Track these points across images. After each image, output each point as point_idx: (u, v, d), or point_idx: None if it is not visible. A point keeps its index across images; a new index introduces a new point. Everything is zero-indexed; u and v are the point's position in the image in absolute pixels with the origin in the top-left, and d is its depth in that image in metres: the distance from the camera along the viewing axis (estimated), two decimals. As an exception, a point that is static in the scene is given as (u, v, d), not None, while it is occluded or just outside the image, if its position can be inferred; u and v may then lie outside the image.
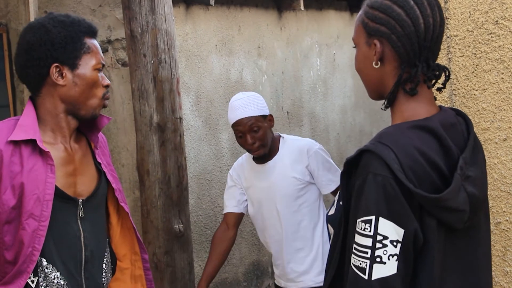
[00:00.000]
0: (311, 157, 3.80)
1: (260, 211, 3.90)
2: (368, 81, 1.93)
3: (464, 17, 2.76)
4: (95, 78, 2.50)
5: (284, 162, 3.83)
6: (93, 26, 2.57)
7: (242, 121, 3.74)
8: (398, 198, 1.69)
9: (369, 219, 1.69)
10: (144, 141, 4.09)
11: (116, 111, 4.98)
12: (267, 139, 3.77)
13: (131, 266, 2.70)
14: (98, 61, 2.53)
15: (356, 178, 1.76)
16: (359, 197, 1.72)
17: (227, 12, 5.85)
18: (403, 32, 1.81)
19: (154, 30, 4.06)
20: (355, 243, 1.72)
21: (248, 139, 3.73)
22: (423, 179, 1.73)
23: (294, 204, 3.80)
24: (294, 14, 6.75)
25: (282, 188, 3.80)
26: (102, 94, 2.54)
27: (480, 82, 2.74)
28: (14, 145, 2.38)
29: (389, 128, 1.83)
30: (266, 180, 3.86)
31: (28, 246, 2.34)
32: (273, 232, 3.87)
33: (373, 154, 1.74)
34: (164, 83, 4.07)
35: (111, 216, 2.69)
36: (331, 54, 7.39)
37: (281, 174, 3.82)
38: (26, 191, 2.34)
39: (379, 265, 1.67)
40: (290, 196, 3.80)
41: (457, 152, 1.81)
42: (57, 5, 5.16)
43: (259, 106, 3.80)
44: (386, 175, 1.70)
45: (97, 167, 2.63)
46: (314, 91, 7.07)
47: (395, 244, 1.67)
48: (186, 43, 5.30)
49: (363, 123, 7.93)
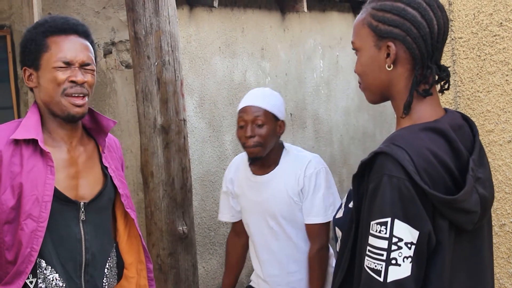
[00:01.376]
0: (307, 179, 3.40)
1: (248, 224, 3.60)
2: (373, 85, 1.91)
3: (469, 19, 2.76)
4: (55, 77, 2.44)
5: (281, 178, 3.45)
6: (62, 23, 2.49)
7: (250, 109, 3.39)
8: (414, 200, 1.69)
9: (384, 221, 1.69)
10: (148, 143, 4.09)
11: (120, 113, 4.98)
12: (268, 141, 3.37)
13: (137, 276, 2.68)
14: (57, 58, 2.45)
15: (370, 180, 1.76)
16: (373, 200, 1.72)
17: (231, 14, 5.86)
18: (418, 34, 1.81)
19: (158, 32, 4.06)
20: (369, 245, 1.71)
21: (248, 131, 3.36)
22: (436, 180, 1.73)
23: (288, 224, 3.45)
24: (297, 16, 6.75)
25: (277, 206, 3.44)
26: (62, 90, 2.44)
27: (484, 84, 2.74)
28: (15, 145, 2.39)
29: (401, 130, 1.82)
30: (258, 195, 3.50)
31: (26, 246, 2.34)
32: (265, 249, 3.54)
33: (387, 156, 1.73)
34: (168, 85, 4.08)
35: (118, 221, 2.67)
36: (334, 56, 7.38)
37: (277, 191, 3.44)
38: (24, 191, 2.35)
39: (394, 267, 1.67)
40: (284, 216, 3.44)
41: (466, 154, 1.81)
42: (61, 7, 5.16)
43: (276, 105, 3.43)
44: (401, 177, 1.69)
45: (104, 171, 2.60)
46: (317, 93, 7.07)
47: (409, 246, 1.68)
48: (190, 45, 5.30)
49: (366, 125, 7.92)
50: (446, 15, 1.87)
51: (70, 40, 2.47)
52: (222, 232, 5.59)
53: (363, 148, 7.82)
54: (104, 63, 5.04)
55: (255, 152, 3.38)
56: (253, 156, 3.41)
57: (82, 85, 2.44)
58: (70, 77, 2.43)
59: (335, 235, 1.98)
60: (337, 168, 7.38)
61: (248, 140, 3.37)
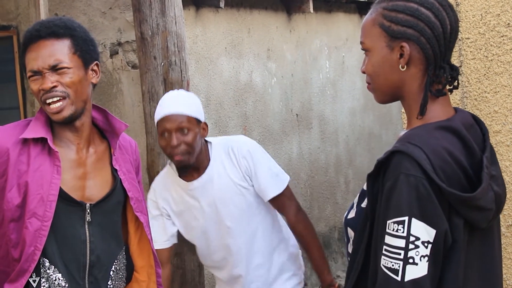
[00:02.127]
0: (244, 159, 3.23)
1: (203, 236, 3.31)
2: (384, 85, 1.90)
3: (476, 20, 2.76)
4: (31, 88, 2.43)
5: (221, 171, 3.25)
6: (30, 31, 2.44)
7: (171, 118, 3.13)
8: (431, 198, 1.69)
9: (401, 220, 1.69)
10: (154, 143, 4.09)
11: (126, 113, 4.99)
12: (195, 147, 3.15)
13: (148, 280, 2.67)
14: (28, 70, 2.42)
15: (385, 179, 1.76)
16: (390, 198, 1.72)
17: (237, 15, 5.86)
18: (432, 34, 1.80)
19: (164, 32, 4.07)
20: (386, 245, 1.71)
21: (173, 140, 3.10)
22: (452, 178, 1.73)
23: (245, 215, 3.25)
24: (303, 17, 6.75)
25: (229, 201, 3.23)
26: (40, 98, 2.42)
27: (491, 84, 2.74)
28: (23, 144, 2.39)
29: (416, 129, 1.82)
30: (205, 197, 3.24)
31: (30, 245, 2.35)
32: (223, 254, 3.31)
33: (404, 154, 1.73)
34: (174, 86, 4.08)
35: (129, 224, 2.65)
36: (340, 56, 7.38)
37: (223, 185, 3.23)
38: (30, 190, 2.35)
39: (411, 266, 1.67)
40: (240, 207, 3.24)
41: (478, 152, 1.81)
42: (67, 8, 5.17)
43: (195, 108, 3.20)
44: (418, 176, 1.70)
45: (114, 173, 2.58)
46: (323, 94, 7.07)
47: (426, 245, 1.68)
48: (196, 45, 5.30)
49: (372, 125, 7.92)
50: (456, 14, 1.87)
51: (36, 47, 2.41)
52: (228, 232, 5.59)
53: (369, 148, 7.81)
54: (110, 64, 5.04)
55: (185, 161, 3.15)
56: (182, 165, 3.18)
57: (52, 89, 2.38)
58: (41, 85, 2.39)
59: (347, 236, 1.97)
60: (343, 168, 7.38)
61: (175, 149, 3.12)
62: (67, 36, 2.43)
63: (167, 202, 3.33)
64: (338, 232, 7.29)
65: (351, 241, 1.94)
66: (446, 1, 1.87)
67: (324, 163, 7.04)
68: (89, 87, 2.49)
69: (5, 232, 2.39)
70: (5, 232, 2.39)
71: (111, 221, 2.58)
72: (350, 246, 1.94)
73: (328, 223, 7.12)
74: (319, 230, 6.94)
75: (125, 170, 2.60)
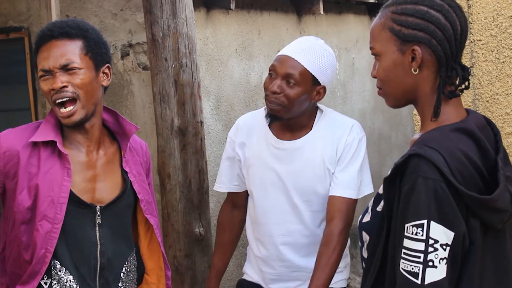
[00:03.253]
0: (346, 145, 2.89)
1: (260, 199, 3.01)
2: (397, 89, 1.91)
3: (488, 22, 2.75)
4: (41, 88, 2.44)
5: (318, 145, 2.90)
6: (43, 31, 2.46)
7: (286, 61, 2.78)
8: (449, 201, 1.70)
9: (420, 223, 1.70)
10: (165, 144, 4.10)
11: (137, 115, 5.00)
12: (295, 105, 2.79)
13: (157, 282, 2.68)
14: (39, 69, 2.43)
15: (403, 183, 1.76)
16: (408, 202, 1.72)
17: (247, 16, 5.87)
18: (443, 36, 1.81)
19: (175, 34, 4.08)
20: (404, 248, 1.72)
21: (274, 85, 2.77)
22: (469, 181, 1.74)
23: (318, 201, 2.93)
24: (313, 18, 6.75)
25: (310, 180, 2.90)
26: (50, 98, 2.42)
27: (503, 86, 2.74)
28: (33, 147, 2.40)
29: (432, 132, 1.82)
30: (287, 164, 2.92)
31: (41, 247, 2.36)
32: (280, 231, 3.00)
33: (422, 158, 1.74)
34: (185, 87, 4.08)
35: (139, 226, 2.65)
36: (350, 58, 7.38)
37: (314, 162, 2.89)
38: (40, 192, 2.36)
39: (431, 269, 1.68)
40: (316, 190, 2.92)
41: (493, 153, 1.82)
42: (79, 9, 5.19)
43: (321, 66, 2.81)
44: (436, 179, 1.70)
45: (124, 175, 2.58)
46: (333, 95, 7.07)
47: (444, 247, 1.68)
48: (207, 47, 5.31)
49: (382, 127, 7.91)
50: (465, 15, 1.88)
51: (48, 47, 2.42)
52: (238, 234, 5.59)
53: (379, 150, 7.80)
54: (121, 65, 5.05)
55: (275, 111, 2.81)
56: (272, 113, 2.84)
57: (62, 89, 2.38)
58: (51, 85, 2.39)
59: (361, 240, 1.97)
60: (353, 170, 7.36)
61: (271, 96, 2.80)
62: (79, 37, 2.44)
63: (243, 147, 3.04)
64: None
65: (366, 245, 1.94)
66: (455, 2, 1.87)
67: (334, 164, 7.02)
68: (99, 90, 2.48)
69: (16, 234, 2.40)
70: (16, 234, 2.40)
71: (122, 223, 2.58)
72: (365, 250, 1.94)
73: (338, 225, 7.10)
74: (329, 231, 6.93)
75: (135, 172, 2.60)
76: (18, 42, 5.44)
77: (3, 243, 2.47)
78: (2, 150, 2.39)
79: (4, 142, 2.41)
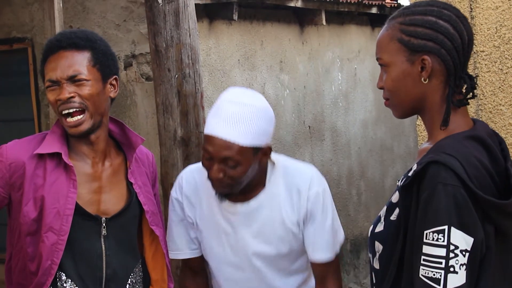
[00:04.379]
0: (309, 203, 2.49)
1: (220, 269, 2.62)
2: (405, 99, 1.91)
3: (491, 33, 2.76)
4: (48, 98, 2.42)
5: (274, 204, 2.52)
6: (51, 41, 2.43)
7: (217, 144, 2.33)
8: (468, 207, 1.71)
9: (441, 229, 1.70)
10: (168, 155, 4.09)
11: (140, 125, 5.01)
12: (243, 180, 2.41)
13: None
14: (47, 79, 2.41)
15: (421, 190, 1.76)
16: (428, 208, 1.73)
17: (250, 27, 5.88)
18: (452, 46, 1.82)
19: (178, 44, 4.08)
20: (424, 255, 1.72)
21: (215, 172, 2.36)
22: (485, 187, 1.75)
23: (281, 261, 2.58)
24: (315, 29, 6.77)
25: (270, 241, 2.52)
26: (57, 109, 2.39)
27: (506, 97, 2.74)
28: (39, 158, 2.39)
29: (446, 140, 1.83)
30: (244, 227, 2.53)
31: (47, 259, 2.35)
32: None
33: (440, 164, 1.74)
34: (188, 98, 4.09)
35: (144, 237, 2.63)
36: (352, 68, 7.39)
37: (272, 222, 2.51)
38: (46, 204, 2.35)
39: (452, 275, 1.69)
40: (279, 251, 2.54)
41: (502, 161, 1.83)
42: (82, 20, 5.21)
43: (256, 132, 2.34)
44: (456, 185, 1.71)
45: (129, 187, 2.55)
46: (335, 106, 7.08)
47: (464, 253, 1.69)
48: (209, 57, 5.33)
49: (384, 137, 7.92)
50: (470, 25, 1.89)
51: (56, 57, 2.40)
52: (240, 244, 5.59)
53: (381, 160, 7.80)
54: (124, 76, 5.07)
55: (225, 192, 2.45)
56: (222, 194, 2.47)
57: (69, 100, 2.36)
58: (58, 95, 2.37)
59: (373, 250, 1.97)
60: (355, 180, 7.37)
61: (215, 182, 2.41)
62: (87, 48, 2.42)
63: (194, 210, 2.62)
64: (350, 243, 7.27)
65: (378, 255, 1.93)
66: (461, 12, 1.89)
67: (336, 175, 7.03)
68: (107, 101, 2.47)
69: (22, 245, 2.40)
70: (22, 245, 2.40)
71: (127, 235, 2.56)
72: (376, 261, 1.93)
73: (340, 235, 7.10)
74: (331, 242, 6.93)
75: (141, 183, 2.58)
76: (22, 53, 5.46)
77: (9, 253, 2.46)
78: (8, 161, 2.39)
79: (10, 154, 2.40)
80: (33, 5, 5.48)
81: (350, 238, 7.25)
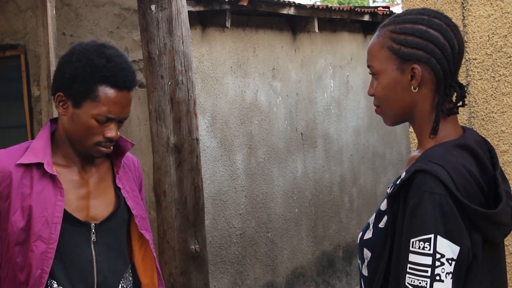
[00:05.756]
0: None
1: None
2: (396, 107, 1.92)
3: (483, 41, 2.78)
4: (90, 126, 2.40)
5: None
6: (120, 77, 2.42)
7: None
8: (455, 216, 1.71)
9: (428, 238, 1.71)
10: (161, 162, 4.10)
11: (132, 132, 5.01)
12: None
13: None
14: (102, 112, 2.39)
15: (408, 198, 1.77)
16: (414, 217, 1.74)
17: (243, 34, 5.90)
18: (442, 55, 1.83)
19: (171, 52, 4.09)
20: (410, 263, 1.73)
21: None
22: (473, 195, 1.76)
23: None
24: (308, 36, 6.79)
25: None
26: (95, 142, 2.42)
27: (499, 105, 2.76)
28: (26, 167, 2.39)
29: (434, 148, 1.84)
30: None
31: (37, 268, 2.34)
32: None
33: (427, 173, 1.75)
34: (181, 105, 4.10)
35: (133, 242, 2.65)
36: (344, 75, 7.41)
37: None
38: (34, 213, 2.35)
39: (438, 283, 1.69)
40: None
41: (491, 169, 1.84)
42: (75, 27, 5.21)
43: None
44: (443, 194, 1.72)
45: (117, 192, 2.57)
46: (328, 113, 7.10)
47: (450, 262, 1.70)
48: (202, 64, 5.33)
49: (376, 144, 7.94)
50: (460, 33, 1.90)
51: (120, 96, 2.41)
52: (233, 251, 5.59)
53: (373, 167, 7.82)
54: (117, 83, 5.07)
55: None
56: None
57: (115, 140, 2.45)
58: (106, 132, 2.39)
59: (361, 257, 1.98)
60: (347, 187, 7.38)
61: None
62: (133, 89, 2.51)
63: None
64: (342, 250, 7.28)
65: (366, 262, 1.94)
66: (452, 21, 1.90)
67: (328, 182, 7.05)
68: None
69: (11, 255, 2.39)
70: (11, 255, 2.39)
71: (117, 240, 2.57)
72: (365, 268, 1.94)
73: (333, 242, 7.11)
74: (324, 249, 6.94)
75: (129, 188, 2.60)
76: (15, 60, 5.46)
77: None
78: None
79: None
80: (26, 12, 5.48)
81: (343, 245, 7.26)
